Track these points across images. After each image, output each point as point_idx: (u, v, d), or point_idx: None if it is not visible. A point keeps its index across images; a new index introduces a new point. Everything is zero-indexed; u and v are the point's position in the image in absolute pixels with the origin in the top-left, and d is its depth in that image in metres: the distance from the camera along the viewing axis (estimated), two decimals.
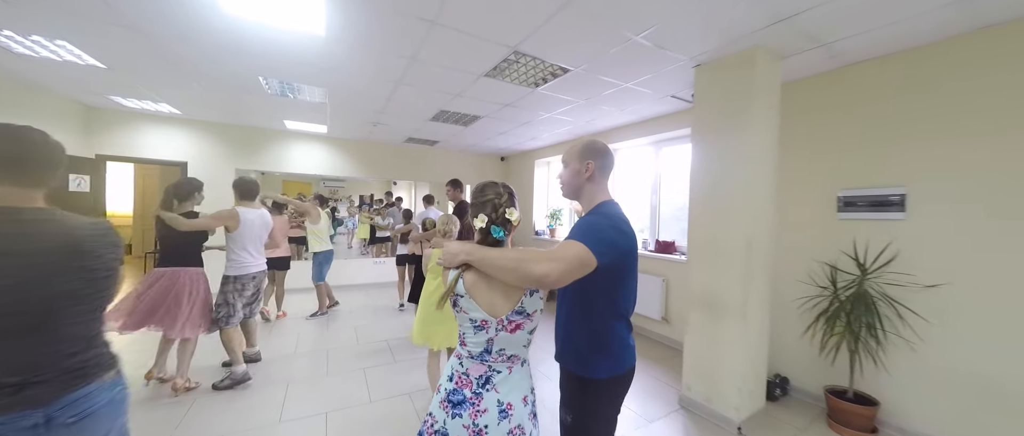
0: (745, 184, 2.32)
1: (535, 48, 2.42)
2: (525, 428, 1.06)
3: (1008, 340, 1.95)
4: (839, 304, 2.43)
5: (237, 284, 2.69)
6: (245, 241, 2.71)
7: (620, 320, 1.20)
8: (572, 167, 1.25)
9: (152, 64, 2.96)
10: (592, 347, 1.18)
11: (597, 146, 1.24)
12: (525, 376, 1.10)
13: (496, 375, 1.05)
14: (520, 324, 1.05)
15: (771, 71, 2.39)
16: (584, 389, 1.19)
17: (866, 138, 2.48)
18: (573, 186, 1.26)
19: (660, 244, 4.06)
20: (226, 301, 2.64)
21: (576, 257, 0.98)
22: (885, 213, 2.38)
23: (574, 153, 1.25)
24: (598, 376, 1.17)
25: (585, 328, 1.19)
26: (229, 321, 2.63)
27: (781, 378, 2.76)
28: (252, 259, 2.75)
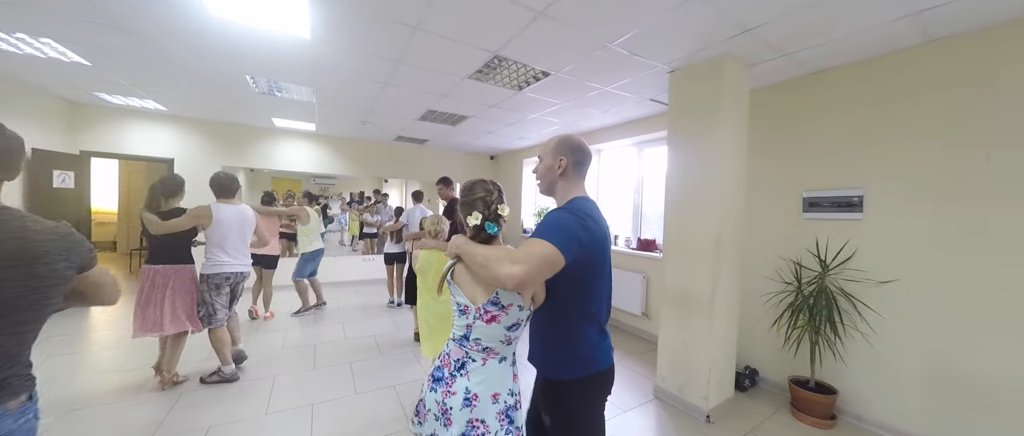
0: (714, 184, 2.44)
1: (516, 53, 2.51)
2: (489, 425, 1.04)
3: (954, 332, 2.10)
4: (802, 299, 2.57)
5: (211, 283, 2.61)
6: (220, 239, 2.64)
7: (588, 321, 1.15)
8: (545, 162, 1.24)
9: (138, 62, 2.98)
10: (560, 348, 1.16)
11: (571, 141, 1.21)
12: (502, 374, 1.09)
13: (471, 363, 1.08)
14: (495, 316, 1.05)
15: (739, 78, 2.51)
16: (555, 391, 1.18)
17: (829, 142, 2.62)
18: (547, 181, 1.24)
19: (641, 242, 4.19)
20: (203, 300, 2.60)
21: (541, 257, 0.96)
22: (845, 213, 2.53)
23: (548, 149, 1.23)
24: (565, 377, 1.15)
25: (552, 329, 1.16)
26: (211, 320, 2.60)
27: (751, 369, 2.91)
28: (228, 258, 2.66)
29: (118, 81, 3.49)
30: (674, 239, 2.69)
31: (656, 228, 4.32)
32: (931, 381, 2.17)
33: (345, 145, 6.03)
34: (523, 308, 1.07)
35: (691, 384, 2.53)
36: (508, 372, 1.12)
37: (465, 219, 1.16)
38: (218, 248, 2.65)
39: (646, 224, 4.43)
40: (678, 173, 2.68)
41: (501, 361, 1.10)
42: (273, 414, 2.35)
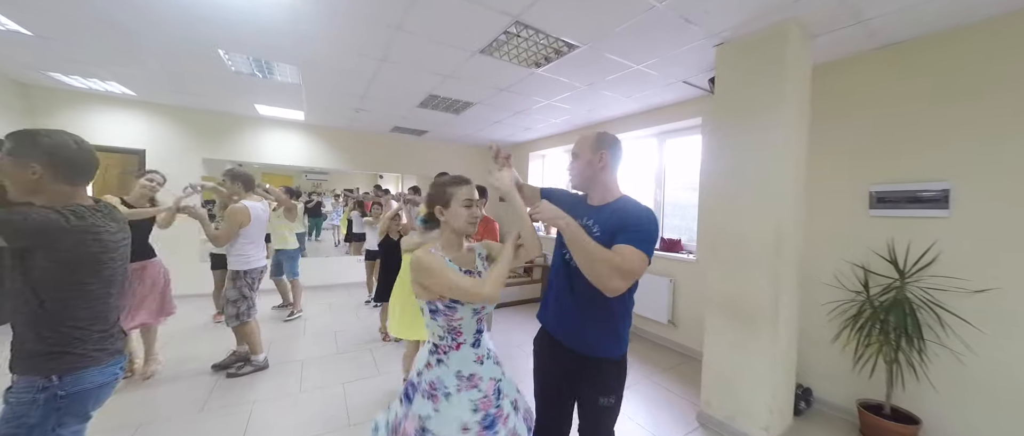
0: (773, 177, 2.05)
1: (540, 18, 2.09)
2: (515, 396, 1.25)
3: None
4: (873, 310, 2.20)
5: (249, 278, 2.71)
6: (254, 235, 2.73)
7: (632, 301, 1.29)
8: (585, 158, 1.26)
9: (83, 30, 2.52)
10: (622, 327, 1.25)
11: (609, 137, 1.27)
12: (495, 360, 1.23)
13: (487, 346, 1.21)
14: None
15: (803, 51, 2.12)
16: (619, 368, 1.27)
17: (904, 127, 2.24)
18: (585, 177, 1.28)
19: (665, 242, 3.80)
20: (242, 295, 2.67)
21: (639, 272, 1.10)
22: (926, 210, 2.15)
23: (587, 144, 1.26)
24: (621, 353, 1.27)
25: (621, 307, 1.23)
26: (250, 313, 2.68)
27: (804, 389, 2.53)
28: (258, 253, 2.77)
29: (70, 58, 3.02)
30: (718, 241, 2.30)
31: (678, 226, 3.94)
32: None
33: (337, 136, 5.56)
34: (419, 297, 1.14)
35: (746, 411, 2.15)
36: (424, 357, 1.17)
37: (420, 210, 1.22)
38: (252, 244, 2.72)
39: (668, 222, 4.05)
40: (724, 165, 2.29)
41: (427, 344, 1.19)
42: None
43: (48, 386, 0.99)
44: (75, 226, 1.03)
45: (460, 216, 1.16)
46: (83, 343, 1.06)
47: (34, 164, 1.02)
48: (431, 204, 1.20)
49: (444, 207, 1.18)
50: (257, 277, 2.77)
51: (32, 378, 0.99)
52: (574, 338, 1.25)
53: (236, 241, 2.66)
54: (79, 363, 1.04)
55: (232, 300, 2.65)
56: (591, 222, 1.22)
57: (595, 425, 1.28)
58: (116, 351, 1.15)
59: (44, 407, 0.98)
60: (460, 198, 1.17)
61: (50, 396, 0.99)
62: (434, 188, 1.22)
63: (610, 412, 1.26)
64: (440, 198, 1.18)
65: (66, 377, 1.01)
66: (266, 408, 2.33)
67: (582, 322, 1.23)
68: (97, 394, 1.09)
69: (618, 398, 1.26)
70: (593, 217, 1.23)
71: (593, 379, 1.24)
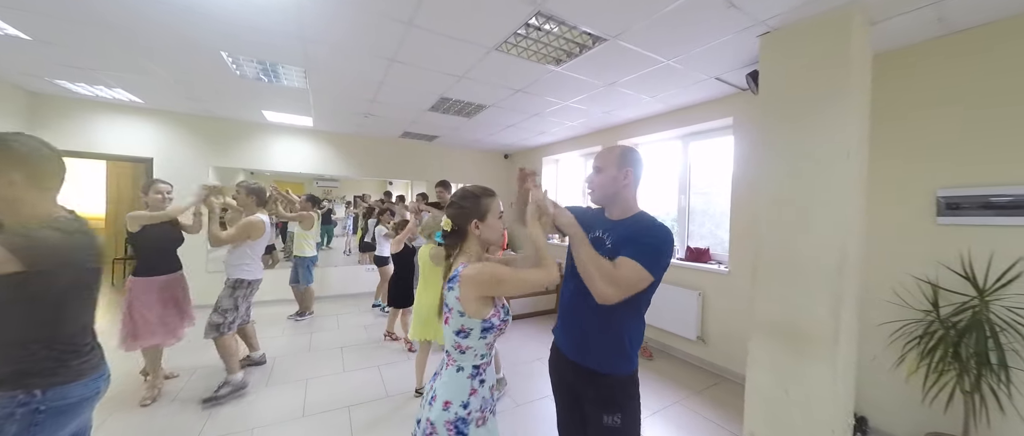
0: (834, 184, 1.81)
1: (563, 6, 1.89)
2: (438, 430, 1.09)
3: None
4: (945, 331, 1.93)
5: (249, 288, 2.69)
6: (262, 248, 2.77)
7: (643, 317, 1.25)
8: (609, 173, 1.25)
9: (83, 35, 2.41)
10: (633, 343, 1.21)
11: (635, 154, 1.27)
12: (457, 384, 1.12)
13: (443, 366, 1.14)
14: (446, 316, 1.12)
15: (864, 38, 1.88)
16: (625, 385, 1.20)
17: (978, 123, 1.98)
18: (608, 192, 1.27)
19: (692, 252, 3.55)
20: (235, 305, 2.61)
21: (634, 285, 1.09)
22: (1006, 218, 1.88)
23: (612, 160, 1.25)
24: (632, 370, 1.21)
25: (633, 323, 1.21)
26: (232, 326, 2.59)
27: (859, 418, 2.26)
28: (259, 265, 2.78)
29: (73, 64, 2.93)
30: (765, 255, 2.05)
31: (709, 235, 3.69)
32: None
33: (346, 142, 5.44)
34: (464, 314, 1.06)
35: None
36: (465, 385, 1.08)
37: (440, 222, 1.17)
38: (257, 256, 2.74)
39: (694, 230, 3.80)
40: (771, 170, 2.05)
41: (458, 370, 1.10)
42: None
43: (29, 401, 0.96)
44: (73, 242, 1.04)
45: (496, 229, 1.16)
46: (71, 356, 1.04)
47: (13, 174, 0.97)
48: (466, 218, 1.13)
49: (481, 220, 1.14)
50: (255, 288, 2.76)
51: (13, 392, 0.95)
52: (580, 351, 1.24)
53: (241, 252, 2.64)
54: (64, 377, 1.02)
55: (223, 309, 2.55)
56: (606, 234, 1.24)
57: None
58: (98, 364, 1.11)
59: (21, 422, 0.95)
60: (495, 211, 1.16)
61: (30, 411, 0.96)
62: (468, 201, 1.15)
63: (617, 433, 1.17)
64: (477, 211, 1.14)
65: (49, 391, 0.99)
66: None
67: (588, 335, 1.22)
68: (78, 409, 1.05)
69: (627, 419, 1.18)
70: (610, 231, 1.24)
71: (597, 395, 1.20)
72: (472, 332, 1.07)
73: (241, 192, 2.71)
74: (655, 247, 1.11)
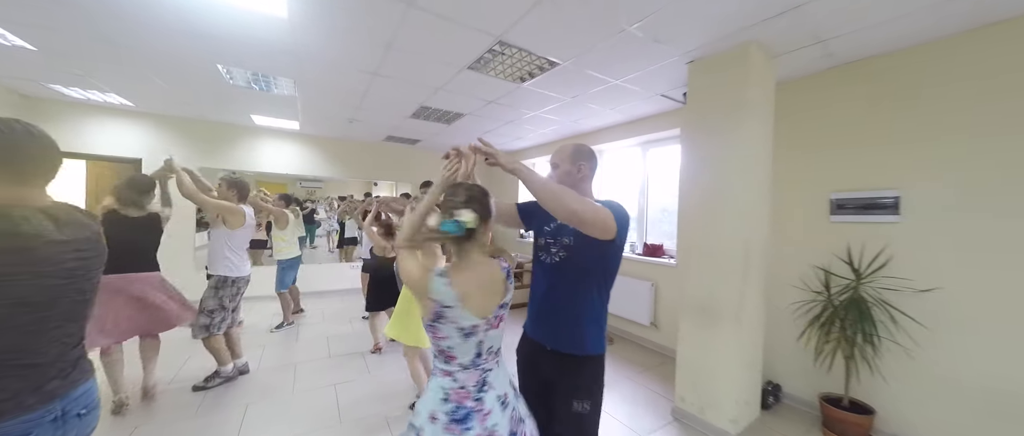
0: (741, 185, 2.22)
1: (522, 38, 2.25)
2: (519, 410, 1.11)
3: (1005, 343, 1.91)
4: (833, 309, 2.36)
5: (233, 287, 2.62)
6: (243, 242, 2.68)
7: (608, 302, 1.32)
8: (564, 168, 1.32)
9: (89, 48, 2.63)
10: (599, 326, 1.27)
11: (586, 149, 1.35)
12: (504, 364, 1.14)
13: (489, 374, 1.06)
14: (502, 317, 1.10)
15: (766, 69, 2.31)
16: (596, 369, 1.27)
17: (860, 139, 2.43)
18: (565, 185, 1.27)
19: (648, 247, 3.96)
20: (222, 305, 2.55)
21: (603, 219, 1.09)
22: (879, 216, 2.33)
23: (565, 156, 1.33)
24: (600, 350, 1.27)
25: (599, 309, 1.26)
26: (221, 327, 2.55)
27: (773, 385, 2.68)
28: (245, 262, 2.71)
29: (72, 71, 3.12)
30: (693, 246, 2.46)
31: (660, 233, 4.11)
32: (981, 399, 1.96)
33: (332, 145, 5.68)
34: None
35: (715, 405, 2.29)
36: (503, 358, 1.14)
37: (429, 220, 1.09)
38: (240, 251, 2.66)
39: (651, 228, 4.21)
40: (698, 174, 2.46)
41: (499, 352, 1.13)
42: None
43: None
44: (23, 232, 0.82)
45: (490, 229, 1.12)
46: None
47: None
48: (487, 216, 1.06)
49: (487, 223, 1.07)
50: (242, 287, 2.68)
51: None
52: (557, 338, 1.25)
53: (219, 245, 2.55)
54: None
55: (209, 310, 2.48)
56: (569, 226, 1.23)
57: (570, 430, 1.22)
58: (52, 394, 0.86)
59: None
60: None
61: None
62: (487, 200, 1.08)
63: (584, 420, 1.21)
64: (490, 213, 1.08)
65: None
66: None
67: (559, 318, 1.25)
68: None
69: (594, 404, 1.22)
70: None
71: (570, 381, 1.22)
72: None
73: (222, 186, 2.66)
74: (617, 208, 1.17)
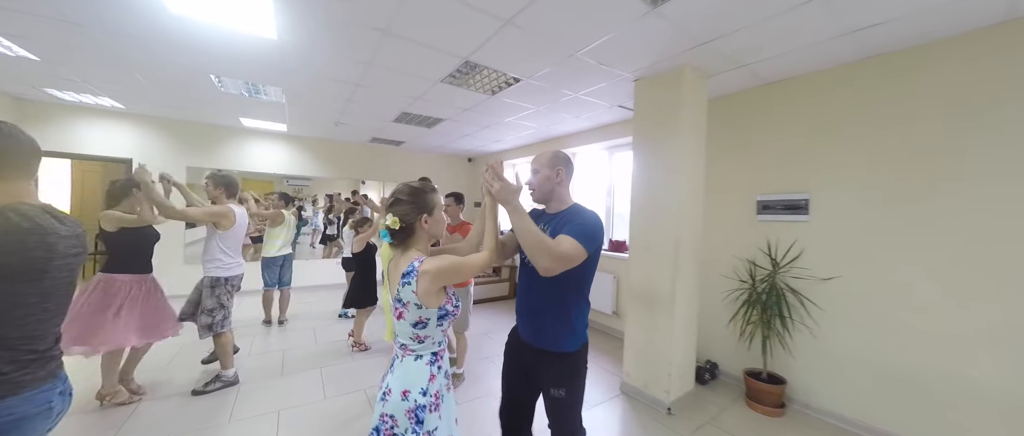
0: (674, 188, 2.58)
1: (486, 59, 2.56)
2: (398, 420, 1.11)
3: (884, 323, 2.30)
4: (755, 296, 2.74)
5: (230, 285, 2.64)
6: (235, 241, 2.68)
7: (587, 301, 1.44)
8: (544, 174, 1.43)
9: (91, 59, 2.86)
10: (576, 324, 1.37)
11: (563, 155, 1.47)
12: (417, 372, 1.16)
13: (395, 359, 1.19)
14: (400, 313, 1.16)
15: (698, 87, 2.66)
16: (573, 362, 1.38)
17: (780, 149, 2.81)
18: (545, 190, 1.45)
19: (613, 243, 4.32)
20: (221, 304, 2.58)
21: (572, 259, 1.23)
22: (794, 215, 2.72)
23: (545, 162, 1.44)
24: (576, 347, 1.39)
25: (574, 309, 1.37)
26: (224, 324, 2.59)
27: (711, 364, 3.06)
28: (238, 260, 2.71)
29: (70, 77, 3.32)
30: (639, 240, 2.81)
31: (626, 230, 4.47)
32: (866, 369, 2.36)
33: (319, 146, 5.91)
34: (421, 306, 1.09)
35: (654, 379, 2.65)
36: (424, 371, 1.13)
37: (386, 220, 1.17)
38: (233, 250, 2.66)
39: (617, 226, 4.58)
40: (642, 177, 2.81)
41: (417, 359, 1.14)
42: (238, 422, 2.30)
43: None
44: (16, 226, 0.88)
45: (441, 222, 1.22)
46: (6, 365, 0.89)
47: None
48: (415, 214, 1.16)
49: (429, 215, 1.19)
50: (236, 285, 2.70)
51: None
52: (532, 334, 1.40)
53: (212, 247, 2.57)
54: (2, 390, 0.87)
55: (209, 309, 2.53)
56: (546, 227, 1.39)
57: (551, 413, 1.40)
58: (49, 375, 0.97)
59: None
60: (440, 205, 1.22)
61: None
62: (416, 197, 1.18)
63: (562, 404, 1.36)
64: (426, 207, 1.18)
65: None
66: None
67: (538, 319, 1.38)
68: (20, 428, 0.90)
69: (570, 391, 1.35)
70: (549, 223, 1.41)
71: (549, 372, 1.37)
72: (429, 322, 1.12)
73: (209, 184, 2.63)
74: (587, 227, 1.27)
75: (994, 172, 1.96)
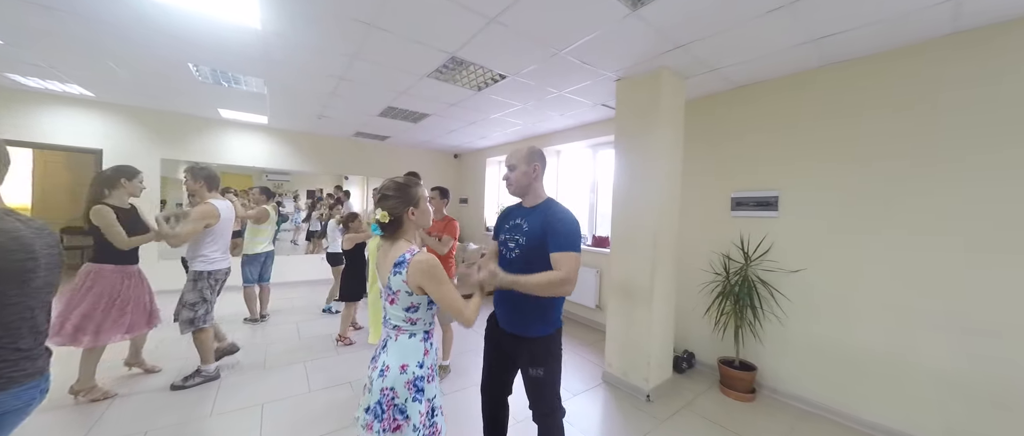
0: (652, 185, 2.68)
1: (473, 56, 2.60)
2: (398, 392, 1.21)
3: (844, 313, 2.47)
4: (729, 287, 2.89)
5: (213, 279, 2.61)
6: (220, 235, 2.65)
7: None
8: (521, 170, 1.52)
9: (62, 45, 2.74)
10: (550, 311, 1.49)
11: (538, 151, 1.56)
12: (412, 348, 1.26)
13: (389, 340, 1.27)
14: (392, 298, 1.25)
15: (676, 88, 2.77)
16: (547, 344, 1.49)
17: (752, 148, 2.96)
18: (522, 185, 1.53)
19: (596, 239, 4.43)
20: (203, 298, 2.55)
21: (577, 267, 1.37)
22: (764, 212, 2.87)
23: (522, 158, 1.52)
24: (551, 331, 1.50)
25: (544, 299, 1.45)
26: (204, 320, 2.56)
27: (688, 353, 3.20)
28: (222, 254, 2.69)
29: (36, 63, 3.17)
30: (620, 235, 2.91)
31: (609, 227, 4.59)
32: (830, 355, 2.53)
33: (301, 139, 5.80)
34: (412, 293, 1.20)
35: (634, 368, 2.76)
36: (419, 347, 1.23)
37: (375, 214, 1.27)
38: (216, 244, 2.63)
39: (601, 222, 4.70)
40: (623, 174, 2.90)
41: (411, 337, 1.23)
42: (219, 415, 2.28)
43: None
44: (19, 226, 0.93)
45: (427, 213, 1.32)
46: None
47: None
48: (402, 207, 1.24)
49: (415, 207, 1.27)
50: (221, 280, 2.68)
51: None
52: (511, 323, 1.52)
53: (199, 242, 2.55)
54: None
55: (190, 303, 2.49)
56: (523, 220, 1.49)
57: (531, 392, 1.52)
58: (34, 372, 1.01)
59: None
60: (424, 196, 1.30)
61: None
62: (401, 191, 1.25)
63: (541, 383, 1.47)
64: (412, 200, 1.26)
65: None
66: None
67: (515, 307, 1.49)
68: (1, 423, 0.96)
69: (547, 370, 1.46)
70: (526, 216, 1.50)
71: (525, 354, 1.49)
72: (421, 306, 1.22)
73: (189, 178, 2.59)
74: (570, 234, 1.39)
75: (941, 171, 2.13)
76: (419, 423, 1.17)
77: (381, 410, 1.16)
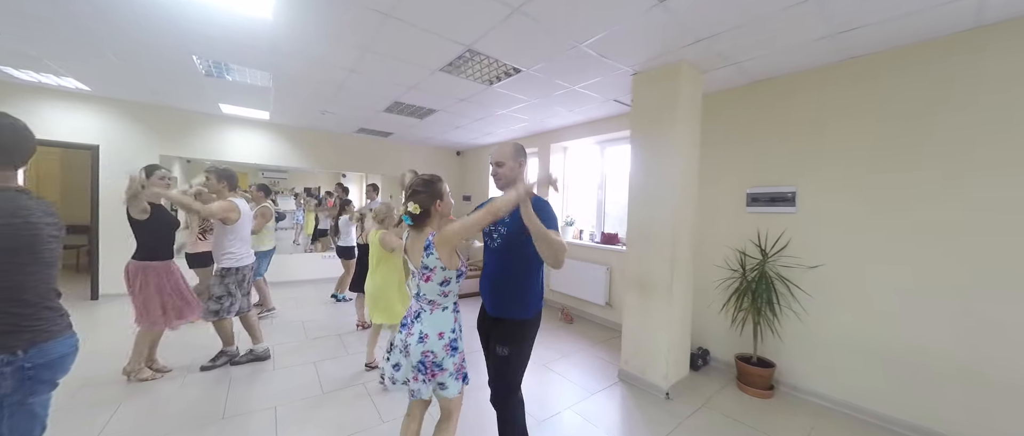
0: (670, 180, 2.65)
1: (489, 48, 2.54)
2: (437, 353, 1.45)
3: (865, 308, 2.46)
4: (746, 284, 2.86)
5: (238, 275, 2.77)
6: (243, 232, 2.81)
7: (539, 274, 1.67)
8: (509, 165, 1.63)
9: (59, 36, 2.63)
10: (533, 297, 1.62)
11: (522, 147, 1.68)
12: (445, 318, 1.48)
13: (423, 313, 1.48)
14: (427, 276, 1.43)
15: (694, 82, 2.74)
16: (524, 327, 1.61)
17: (768, 144, 2.93)
18: (509, 179, 1.64)
19: (605, 236, 4.39)
20: (229, 292, 2.73)
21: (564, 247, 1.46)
22: (781, 207, 2.85)
23: (510, 155, 1.63)
24: (528, 315, 1.62)
25: (525, 281, 1.60)
26: (231, 310, 2.75)
27: (703, 350, 3.18)
28: (247, 250, 2.86)
29: (28, 53, 3.05)
30: (636, 232, 2.87)
31: (618, 223, 4.56)
32: (849, 351, 2.52)
33: (301, 136, 5.69)
34: (445, 268, 1.40)
35: (652, 365, 2.73)
36: (450, 318, 1.49)
37: (405, 206, 1.47)
38: (241, 241, 2.80)
39: (609, 219, 4.66)
40: (639, 170, 2.86)
41: (443, 310, 1.47)
42: (231, 418, 2.21)
43: (12, 360, 1.07)
44: (18, 208, 1.09)
45: (449, 204, 1.54)
46: (37, 320, 1.13)
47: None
48: (431, 200, 1.46)
49: (441, 200, 1.48)
50: (247, 275, 2.83)
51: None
52: (494, 306, 1.65)
53: (224, 239, 2.72)
54: (39, 337, 1.12)
55: (216, 296, 2.68)
56: (505, 218, 1.58)
57: (494, 371, 1.65)
58: (68, 326, 1.23)
59: (12, 379, 1.07)
60: (447, 190, 1.52)
61: (16, 368, 1.07)
62: (429, 187, 1.47)
63: (505, 362, 1.59)
64: (438, 193, 1.48)
65: (31, 350, 1.10)
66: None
67: (496, 291, 1.63)
68: (60, 364, 1.18)
69: (513, 352, 1.58)
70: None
71: (498, 333, 1.61)
72: (452, 280, 1.44)
73: (212, 178, 2.82)
74: (553, 217, 1.52)
75: (959, 168, 2.12)
76: (453, 370, 1.46)
77: (424, 367, 1.42)
